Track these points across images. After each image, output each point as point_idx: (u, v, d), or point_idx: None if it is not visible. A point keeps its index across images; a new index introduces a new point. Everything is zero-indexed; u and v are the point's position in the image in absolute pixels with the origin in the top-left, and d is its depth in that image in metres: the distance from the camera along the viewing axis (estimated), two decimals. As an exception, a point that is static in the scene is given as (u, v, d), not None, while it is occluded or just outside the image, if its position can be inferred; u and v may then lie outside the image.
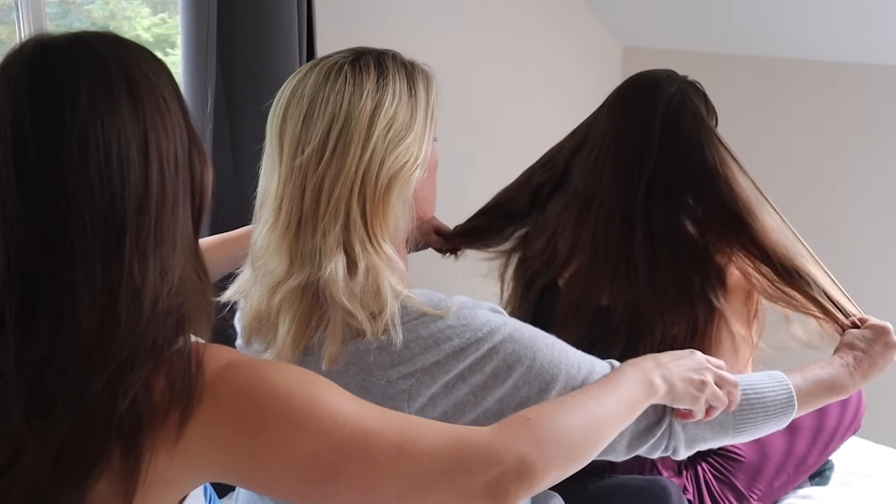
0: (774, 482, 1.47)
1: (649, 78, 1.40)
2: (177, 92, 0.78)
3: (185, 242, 0.77)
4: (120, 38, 0.77)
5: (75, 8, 1.74)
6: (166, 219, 0.74)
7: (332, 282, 0.90)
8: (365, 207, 0.91)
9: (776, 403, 1.04)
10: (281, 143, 0.94)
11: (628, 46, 2.82)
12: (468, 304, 0.95)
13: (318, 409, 0.75)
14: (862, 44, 2.25)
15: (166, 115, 0.74)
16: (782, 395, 1.05)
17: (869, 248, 2.42)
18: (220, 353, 0.77)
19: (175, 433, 0.72)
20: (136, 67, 0.74)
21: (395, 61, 0.96)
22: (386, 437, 0.76)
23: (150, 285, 0.72)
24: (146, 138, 0.72)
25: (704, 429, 1.02)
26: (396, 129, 0.92)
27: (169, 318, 0.73)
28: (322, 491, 0.75)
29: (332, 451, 0.74)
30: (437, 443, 0.77)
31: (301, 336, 0.94)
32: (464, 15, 2.31)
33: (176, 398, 0.72)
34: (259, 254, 0.97)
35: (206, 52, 1.57)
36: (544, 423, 0.82)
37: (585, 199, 1.40)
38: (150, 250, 0.72)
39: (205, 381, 0.74)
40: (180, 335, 0.75)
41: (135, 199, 0.71)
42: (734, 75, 2.54)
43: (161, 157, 0.73)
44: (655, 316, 1.32)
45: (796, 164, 2.51)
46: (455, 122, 2.23)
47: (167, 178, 0.74)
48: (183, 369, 0.73)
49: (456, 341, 0.91)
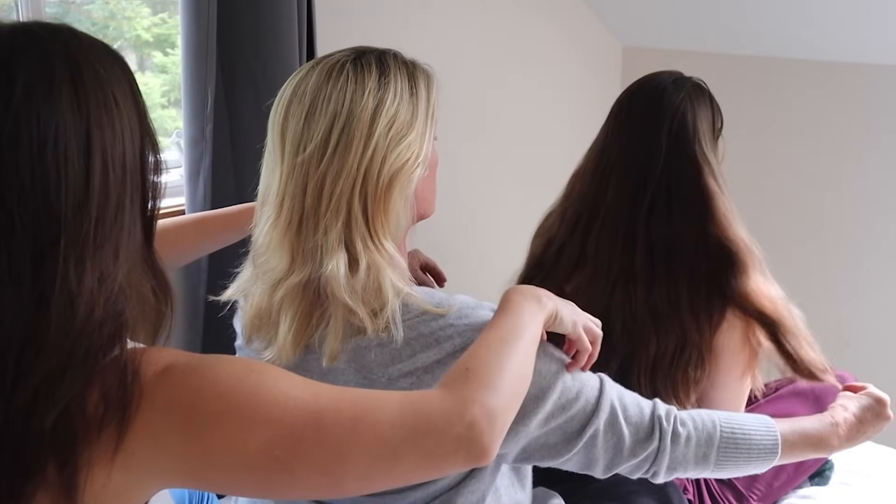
0: (774, 482, 1.47)
1: (654, 85, 1.39)
2: (132, 89, 0.75)
3: (131, 248, 0.73)
4: (73, 31, 0.74)
5: (75, 8, 1.73)
6: (108, 221, 0.70)
7: (334, 279, 0.90)
8: (366, 205, 0.91)
9: (761, 448, 1.06)
10: (283, 140, 0.94)
11: (628, 46, 2.82)
12: (470, 304, 0.95)
13: (263, 399, 0.72)
14: (862, 44, 2.25)
15: (115, 112, 0.71)
16: (768, 442, 1.06)
17: (868, 248, 2.42)
18: (157, 357, 0.73)
19: (112, 448, 0.68)
20: (85, 62, 0.70)
21: (396, 60, 0.97)
22: (341, 413, 0.73)
23: (87, 291, 0.68)
24: (89, 135, 0.69)
25: (688, 457, 1.02)
26: (398, 127, 0.93)
27: (105, 327, 0.69)
28: (285, 481, 0.73)
29: (285, 437, 0.71)
30: (395, 410, 0.75)
31: (302, 333, 0.95)
32: (463, 15, 2.31)
33: (110, 412, 0.68)
34: (260, 251, 0.97)
35: (206, 52, 1.57)
36: (483, 366, 0.81)
37: (592, 212, 1.40)
38: (89, 254, 0.68)
39: (142, 389, 0.70)
40: (116, 344, 0.71)
41: (72, 199, 0.67)
42: (734, 75, 2.54)
43: (105, 157, 0.69)
44: (651, 332, 1.33)
45: (796, 164, 2.51)
46: (455, 122, 2.23)
47: (111, 178, 0.70)
48: (118, 380, 0.69)
49: (457, 340, 0.91)
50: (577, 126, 2.22)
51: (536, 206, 1.56)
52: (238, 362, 0.76)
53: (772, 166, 2.55)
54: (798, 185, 2.50)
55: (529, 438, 0.96)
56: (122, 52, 0.78)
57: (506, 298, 0.93)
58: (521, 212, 1.52)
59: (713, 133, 1.41)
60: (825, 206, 2.47)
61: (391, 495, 0.98)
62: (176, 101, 1.88)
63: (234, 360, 0.76)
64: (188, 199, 1.67)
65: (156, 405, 0.70)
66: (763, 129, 2.55)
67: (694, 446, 1.03)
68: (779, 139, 2.53)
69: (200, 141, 1.63)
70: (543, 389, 0.94)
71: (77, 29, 0.75)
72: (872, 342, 2.44)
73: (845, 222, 2.44)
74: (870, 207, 2.40)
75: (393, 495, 0.98)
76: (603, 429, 0.98)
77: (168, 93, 1.90)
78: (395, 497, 0.98)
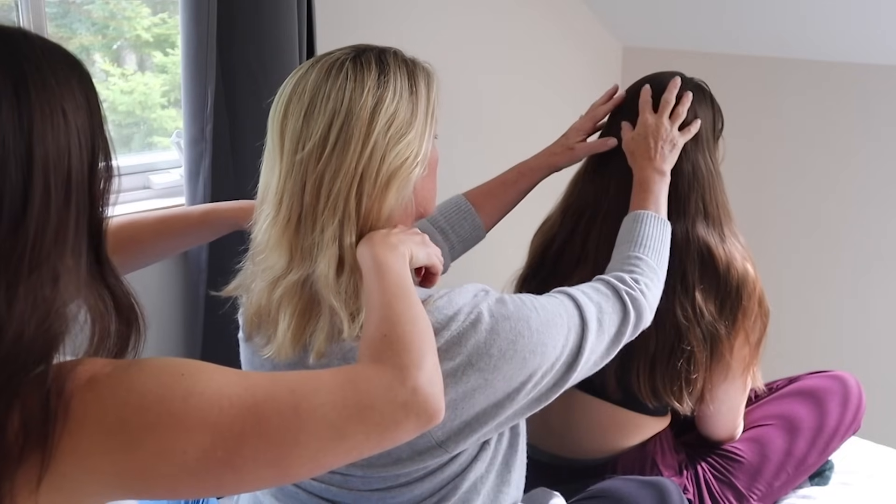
0: (774, 482, 1.47)
1: (655, 86, 1.40)
2: (88, 100, 0.71)
3: (75, 268, 0.69)
4: (26, 35, 0.69)
5: (75, 8, 1.73)
6: (47, 243, 0.66)
7: (322, 278, 0.91)
8: (361, 203, 0.92)
9: (666, 236, 1.25)
10: (282, 138, 0.94)
11: (628, 46, 2.82)
12: (454, 289, 0.96)
13: (196, 402, 0.69)
14: (861, 44, 2.25)
15: (62, 127, 0.66)
16: (666, 229, 1.25)
17: (868, 248, 2.42)
18: (81, 371, 0.68)
19: (35, 477, 0.64)
20: (35, 73, 0.66)
21: (396, 59, 0.97)
22: (279, 403, 0.72)
23: (17, 316, 0.64)
24: (30, 151, 0.64)
25: (653, 294, 1.14)
26: (397, 125, 0.92)
27: (33, 352, 0.65)
28: (231, 479, 0.71)
29: (225, 438, 0.69)
30: (334, 390, 0.74)
31: (301, 331, 0.95)
32: (463, 14, 2.31)
33: (32, 440, 0.64)
34: (259, 249, 0.97)
35: (206, 52, 1.57)
36: (398, 330, 0.82)
37: (593, 211, 1.41)
38: (23, 277, 0.64)
39: (66, 408, 0.65)
40: (42, 364, 0.66)
41: (7, 219, 0.63)
42: (734, 75, 2.54)
43: (48, 175, 0.65)
44: (650, 329, 1.34)
45: (794, 164, 2.51)
46: (454, 122, 2.23)
47: (53, 198, 0.66)
48: (40, 403, 0.64)
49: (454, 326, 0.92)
50: (577, 126, 2.22)
51: (536, 206, 1.56)
52: (168, 366, 0.72)
53: (771, 166, 2.55)
54: (797, 184, 2.50)
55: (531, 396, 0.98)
56: (122, 53, 0.75)
57: (371, 256, 0.90)
58: (521, 211, 1.52)
59: (714, 134, 1.42)
60: (824, 205, 2.47)
61: (398, 489, 0.98)
62: (176, 101, 1.88)
63: (164, 364, 0.72)
64: (188, 199, 1.67)
65: (82, 425, 0.66)
66: (762, 129, 2.55)
67: (654, 287, 1.15)
68: (778, 139, 2.53)
69: (200, 141, 1.63)
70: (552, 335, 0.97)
71: (32, 33, 0.70)
72: (872, 342, 2.44)
73: (844, 222, 2.44)
74: (869, 207, 2.40)
75: (400, 488, 0.98)
76: (594, 339, 1.02)
77: (168, 93, 1.90)
78: (401, 490, 0.98)
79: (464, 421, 0.93)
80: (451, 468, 0.98)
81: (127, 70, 1.85)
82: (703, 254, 1.34)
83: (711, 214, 1.37)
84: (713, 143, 1.41)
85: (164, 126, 1.91)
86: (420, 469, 0.97)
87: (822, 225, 2.48)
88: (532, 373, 0.94)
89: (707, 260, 1.34)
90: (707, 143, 1.39)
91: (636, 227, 1.23)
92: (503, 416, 0.95)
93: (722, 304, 1.34)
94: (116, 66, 1.84)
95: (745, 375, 1.40)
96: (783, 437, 1.48)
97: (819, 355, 2.47)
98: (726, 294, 1.34)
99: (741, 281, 1.34)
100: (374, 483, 0.99)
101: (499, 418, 0.95)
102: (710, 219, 1.37)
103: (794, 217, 2.52)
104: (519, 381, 0.94)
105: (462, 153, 2.31)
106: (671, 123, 1.34)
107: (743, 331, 1.36)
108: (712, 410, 1.42)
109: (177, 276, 1.74)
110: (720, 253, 1.34)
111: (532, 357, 0.94)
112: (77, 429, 0.66)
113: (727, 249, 1.35)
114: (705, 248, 1.34)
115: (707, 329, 1.33)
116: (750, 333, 1.37)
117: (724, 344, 1.35)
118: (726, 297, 1.34)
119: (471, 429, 0.94)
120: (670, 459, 1.44)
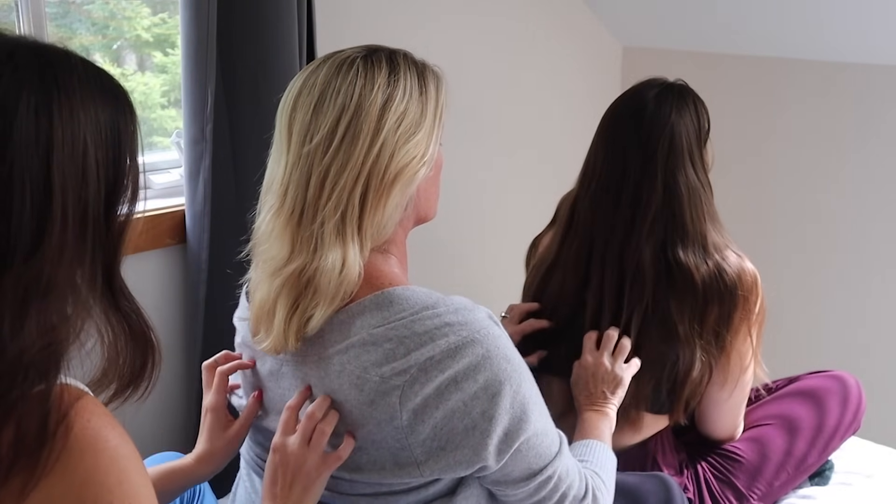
0: (774, 482, 1.47)
1: (636, 108, 1.38)
2: (118, 130, 0.69)
3: (87, 297, 0.69)
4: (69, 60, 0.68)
5: (75, 8, 1.73)
6: (62, 271, 0.65)
7: (321, 272, 0.91)
8: (366, 199, 0.92)
9: (612, 467, 1.19)
10: (290, 131, 0.94)
11: (628, 46, 2.82)
12: (467, 306, 0.95)
13: None
14: (862, 44, 2.25)
15: (81, 160, 0.66)
16: (613, 459, 1.21)
17: (869, 248, 2.42)
18: (90, 411, 0.66)
19: (20, 493, 0.62)
20: (60, 99, 0.65)
21: (406, 59, 0.98)
22: None
23: (24, 336, 0.63)
24: (49, 182, 0.64)
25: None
26: (407, 124, 0.93)
27: (36, 366, 0.64)
28: None
29: None
30: None
31: (297, 323, 0.94)
32: (463, 15, 2.31)
33: (21, 460, 0.62)
34: (262, 239, 0.97)
35: (206, 52, 1.57)
36: None
37: (590, 236, 1.41)
38: (35, 299, 0.64)
39: (67, 440, 0.63)
40: (41, 383, 0.65)
41: (22, 248, 0.63)
42: (734, 75, 2.54)
43: (66, 208, 0.65)
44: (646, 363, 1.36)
45: (795, 164, 2.51)
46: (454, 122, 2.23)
47: (69, 230, 0.65)
48: (38, 422, 0.63)
49: (452, 338, 0.91)
50: (577, 126, 2.22)
51: (536, 206, 1.56)
52: (146, 475, 0.69)
53: (770, 166, 2.55)
54: (796, 184, 2.50)
55: None
56: (122, 53, 0.74)
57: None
58: (521, 211, 1.52)
59: (700, 139, 1.40)
60: (824, 205, 2.47)
61: (384, 497, 0.98)
62: (176, 101, 1.88)
63: (144, 471, 0.70)
64: (188, 199, 1.67)
65: (73, 470, 0.63)
66: (762, 129, 2.55)
67: None
68: (778, 139, 2.53)
69: (200, 141, 1.63)
70: (530, 410, 0.96)
71: (77, 57, 0.69)
72: (872, 342, 2.44)
73: (844, 221, 2.44)
74: (869, 207, 2.40)
75: (386, 496, 0.98)
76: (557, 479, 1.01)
77: (168, 93, 1.90)
78: (387, 499, 0.98)
79: (440, 446, 0.92)
80: (435, 487, 0.98)
81: (127, 70, 1.85)
82: (686, 279, 1.33)
83: (689, 233, 1.35)
84: (698, 151, 1.39)
85: (164, 126, 1.91)
86: (403, 483, 0.96)
87: (821, 225, 2.48)
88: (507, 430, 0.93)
89: (690, 285, 1.33)
90: (691, 156, 1.37)
91: (588, 450, 1.21)
92: (478, 462, 0.93)
93: (719, 315, 1.35)
94: (116, 66, 1.84)
95: (745, 374, 1.40)
96: (783, 437, 1.48)
97: (819, 355, 2.47)
98: (721, 305, 1.34)
99: (734, 286, 1.34)
100: (360, 488, 0.98)
101: (474, 465, 0.93)
102: (688, 238, 1.35)
103: (793, 217, 2.52)
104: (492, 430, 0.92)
105: (461, 153, 2.31)
106: (613, 360, 1.34)
107: (745, 325, 1.37)
108: (712, 410, 1.43)
109: (177, 276, 1.74)
110: (702, 273, 1.33)
111: (510, 409, 0.93)
112: (63, 471, 0.63)
113: (713, 264, 1.34)
114: (687, 273, 1.33)
115: (708, 340, 1.35)
116: (752, 327, 1.37)
117: (726, 345, 1.36)
118: (721, 308, 1.34)
119: (449, 457, 0.92)
120: (671, 458, 1.44)
